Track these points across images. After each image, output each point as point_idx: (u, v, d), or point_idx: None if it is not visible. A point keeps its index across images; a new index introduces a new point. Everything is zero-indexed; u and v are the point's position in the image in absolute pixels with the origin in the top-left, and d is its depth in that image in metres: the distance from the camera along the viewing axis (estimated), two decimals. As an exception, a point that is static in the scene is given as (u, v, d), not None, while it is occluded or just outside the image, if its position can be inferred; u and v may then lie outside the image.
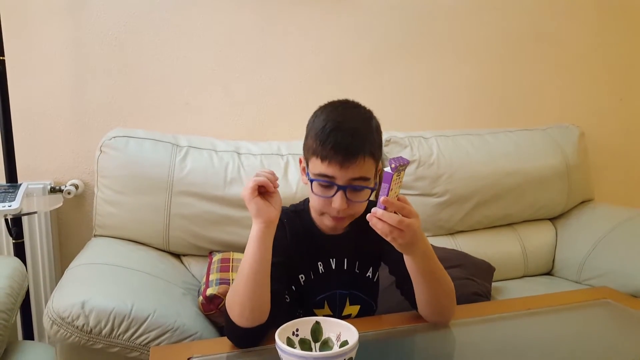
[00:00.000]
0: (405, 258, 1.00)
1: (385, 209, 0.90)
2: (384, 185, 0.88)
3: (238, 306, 0.95)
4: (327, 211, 1.04)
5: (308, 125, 1.08)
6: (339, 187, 1.01)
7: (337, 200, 1.01)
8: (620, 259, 1.79)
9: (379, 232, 0.91)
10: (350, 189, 1.02)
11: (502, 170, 1.93)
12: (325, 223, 1.07)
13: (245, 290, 0.94)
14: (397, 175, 0.88)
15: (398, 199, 0.92)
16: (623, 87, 2.44)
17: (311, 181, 1.04)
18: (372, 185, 1.05)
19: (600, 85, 2.41)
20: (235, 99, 1.94)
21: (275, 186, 0.96)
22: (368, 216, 0.91)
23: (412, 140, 1.87)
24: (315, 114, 1.08)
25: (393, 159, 0.88)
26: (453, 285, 1.07)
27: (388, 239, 0.91)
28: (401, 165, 0.88)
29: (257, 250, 0.94)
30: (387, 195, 0.89)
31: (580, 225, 2.04)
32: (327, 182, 1.02)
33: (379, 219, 0.90)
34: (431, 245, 1.13)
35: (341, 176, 1.00)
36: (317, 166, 1.02)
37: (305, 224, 1.13)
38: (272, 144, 1.80)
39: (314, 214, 1.12)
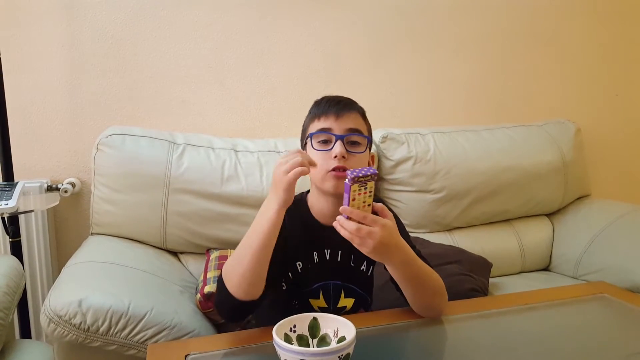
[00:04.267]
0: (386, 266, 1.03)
1: (349, 218, 0.94)
2: (345, 196, 0.93)
3: (238, 277, 0.98)
4: (329, 166, 1.06)
5: (304, 121, 1.17)
6: (337, 137, 1.07)
7: (337, 147, 1.06)
8: (617, 254, 1.80)
9: (345, 237, 0.95)
10: (347, 139, 1.08)
11: (498, 167, 1.93)
12: (326, 188, 1.08)
13: (249, 262, 0.97)
14: (358, 187, 0.92)
15: (373, 209, 0.96)
16: (618, 82, 2.45)
17: (310, 137, 1.09)
18: (367, 140, 1.12)
19: (595, 81, 2.41)
20: (232, 96, 1.94)
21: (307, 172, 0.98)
22: (334, 223, 0.95)
23: (408, 136, 1.87)
24: None
25: (353, 170, 0.92)
26: (442, 282, 1.09)
27: (355, 245, 0.95)
28: (362, 176, 0.92)
29: (268, 225, 0.97)
30: (348, 205, 0.93)
31: (577, 220, 2.04)
32: (325, 134, 1.08)
33: (341, 226, 0.94)
34: (428, 240, 1.13)
35: (337, 127, 1.08)
36: (315, 125, 1.11)
37: (303, 213, 1.16)
38: (269, 141, 1.79)
39: (313, 199, 1.15)
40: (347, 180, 0.92)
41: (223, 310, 1.03)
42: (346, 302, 1.17)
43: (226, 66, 1.92)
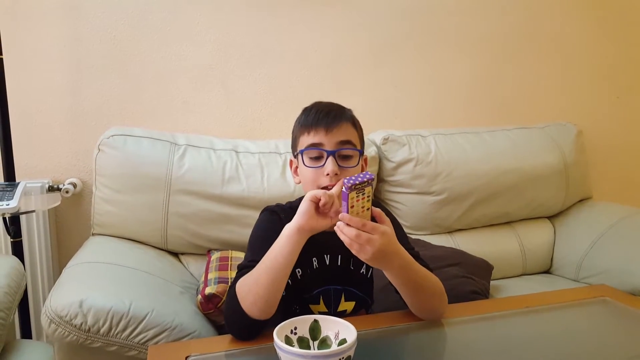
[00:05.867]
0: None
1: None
2: (343, 204, 0.93)
3: (254, 295, 0.98)
4: (321, 183, 1.06)
5: (293, 127, 1.17)
6: (328, 153, 1.06)
7: (329, 164, 1.05)
8: (618, 257, 1.79)
9: (345, 243, 0.95)
10: (338, 154, 1.07)
11: (499, 169, 1.93)
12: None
13: (266, 281, 0.98)
14: (355, 194, 0.92)
15: (372, 214, 0.96)
16: (620, 85, 2.45)
17: (301, 154, 1.09)
18: (359, 150, 1.10)
19: (597, 83, 2.41)
20: (233, 97, 1.94)
21: (326, 209, 0.99)
22: (335, 228, 0.95)
23: (410, 138, 1.87)
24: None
25: (349, 177, 0.92)
26: (441, 285, 1.09)
27: (353, 252, 0.94)
28: (359, 183, 0.92)
29: (287, 246, 0.98)
30: (347, 213, 0.93)
31: (579, 223, 2.04)
32: (317, 150, 1.07)
33: (341, 232, 0.94)
34: (429, 243, 1.12)
35: (328, 141, 1.07)
36: (305, 139, 1.09)
37: None
38: (270, 142, 1.79)
39: None
40: (344, 188, 0.92)
41: (234, 329, 1.03)
42: (346, 305, 1.16)
43: (227, 67, 1.92)
